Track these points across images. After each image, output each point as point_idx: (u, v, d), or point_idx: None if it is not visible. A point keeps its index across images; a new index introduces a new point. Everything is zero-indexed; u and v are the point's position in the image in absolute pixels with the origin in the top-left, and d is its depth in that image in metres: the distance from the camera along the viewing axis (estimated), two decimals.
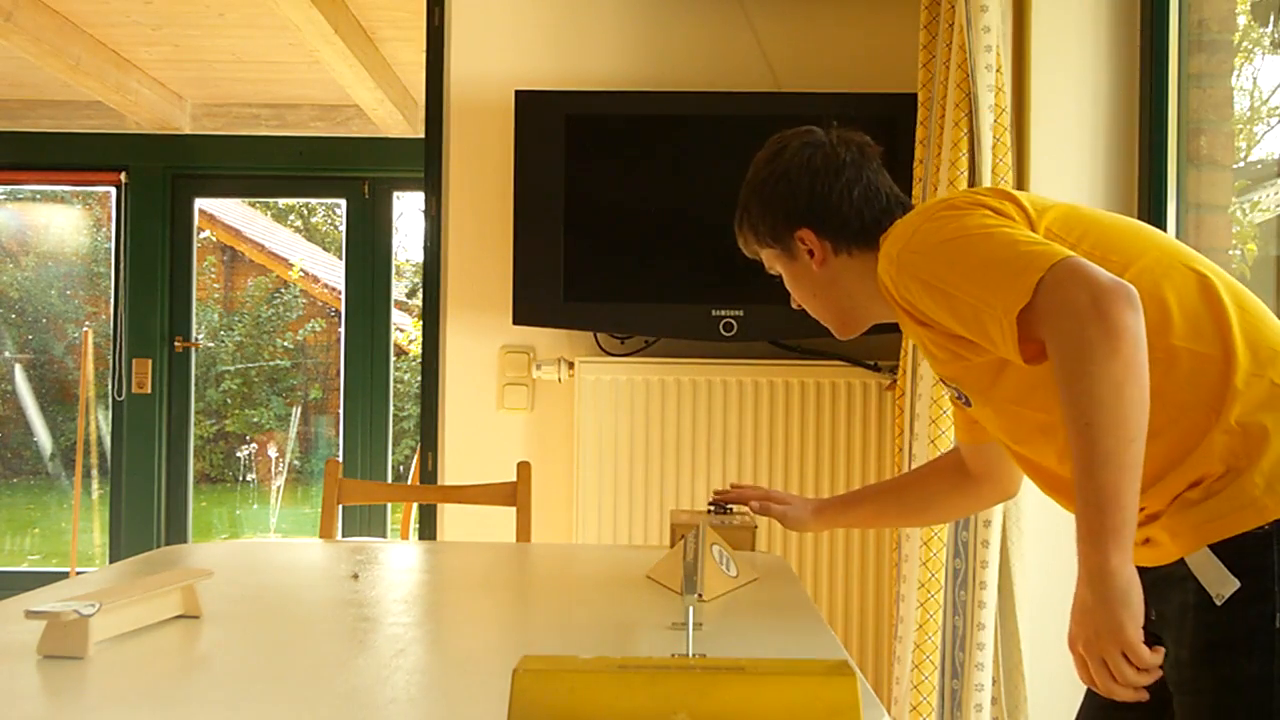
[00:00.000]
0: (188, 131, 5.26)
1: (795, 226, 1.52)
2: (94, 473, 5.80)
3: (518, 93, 2.69)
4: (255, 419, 7.13)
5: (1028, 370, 1.25)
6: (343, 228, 5.45)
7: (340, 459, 5.07)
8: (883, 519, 2.06)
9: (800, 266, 1.55)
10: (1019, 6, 2.43)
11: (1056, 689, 2.66)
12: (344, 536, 4.48)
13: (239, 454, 7.26)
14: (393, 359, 5.37)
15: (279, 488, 7.16)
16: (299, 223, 8.49)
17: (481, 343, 2.83)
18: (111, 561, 5.02)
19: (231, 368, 7.11)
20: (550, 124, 2.67)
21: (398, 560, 1.82)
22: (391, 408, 5.35)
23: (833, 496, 1.94)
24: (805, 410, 2.69)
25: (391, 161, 5.20)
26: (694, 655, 1.08)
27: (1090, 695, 1.62)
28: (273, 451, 7.14)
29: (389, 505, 5.31)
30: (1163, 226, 2.33)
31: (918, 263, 1.31)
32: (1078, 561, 1.23)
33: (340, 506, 2.22)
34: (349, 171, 5.28)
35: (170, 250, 5.27)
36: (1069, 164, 2.44)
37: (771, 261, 1.60)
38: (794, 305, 1.64)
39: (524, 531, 2.15)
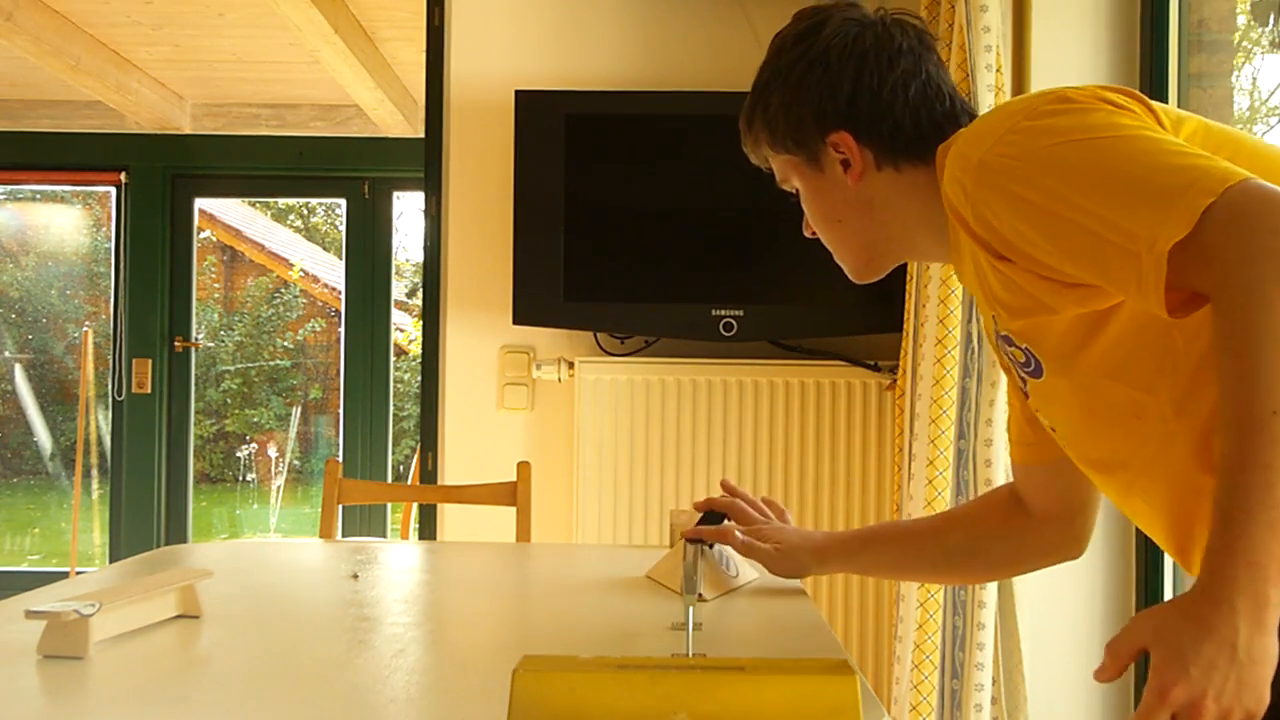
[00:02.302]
0: (188, 131, 5.26)
1: (829, 128, 1.18)
2: (94, 473, 5.80)
3: (518, 93, 2.68)
4: (255, 419, 7.14)
5: (1138, 329, 0.98)
6: (343, 228, 5.45)
7: (340, 459, 5.07)
8: (906, 567, 1.52)
9: (827, 182, 1.22)
10: (1019, 6, 2.43)
11: (1056, 689, 2.66)
12: (344, 536, 4.48)
13: (239, 454, 7.27)
14: (393, 359, 5.37)
15: (279, 488, 7.17)
16: (299, 223, 8.49)
17: (481, 343, 2.83)
18: (111, 561, 5.02)
19: (231, 368, 7.11)
20: (550, 124, 2.67)
21: (398, 560, 1.82)
22: (391, 408, 5.35)
23: (843, 532, 1.51)
24: (805, 410, 2.69)
25: (391, 161, 5.20)
26: (694, 655, 1.08)
27: None
28: (273, 451, 7.14)
29: (389, 505, 5.31)
30: None
31: (1013, 170, 0.98)
32: (1209, 577, 0.87)
33: (340, 506, 2.22)
34: (349, 171, 5.28)
35: (170, 250, 5.27)
36: None
37: (785, 172, 1.26)
38: (806, 232, 1.32)
39: (524, 531, 2.15)
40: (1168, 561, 2.56)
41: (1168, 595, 2.57)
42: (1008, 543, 1.36)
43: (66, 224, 6.37)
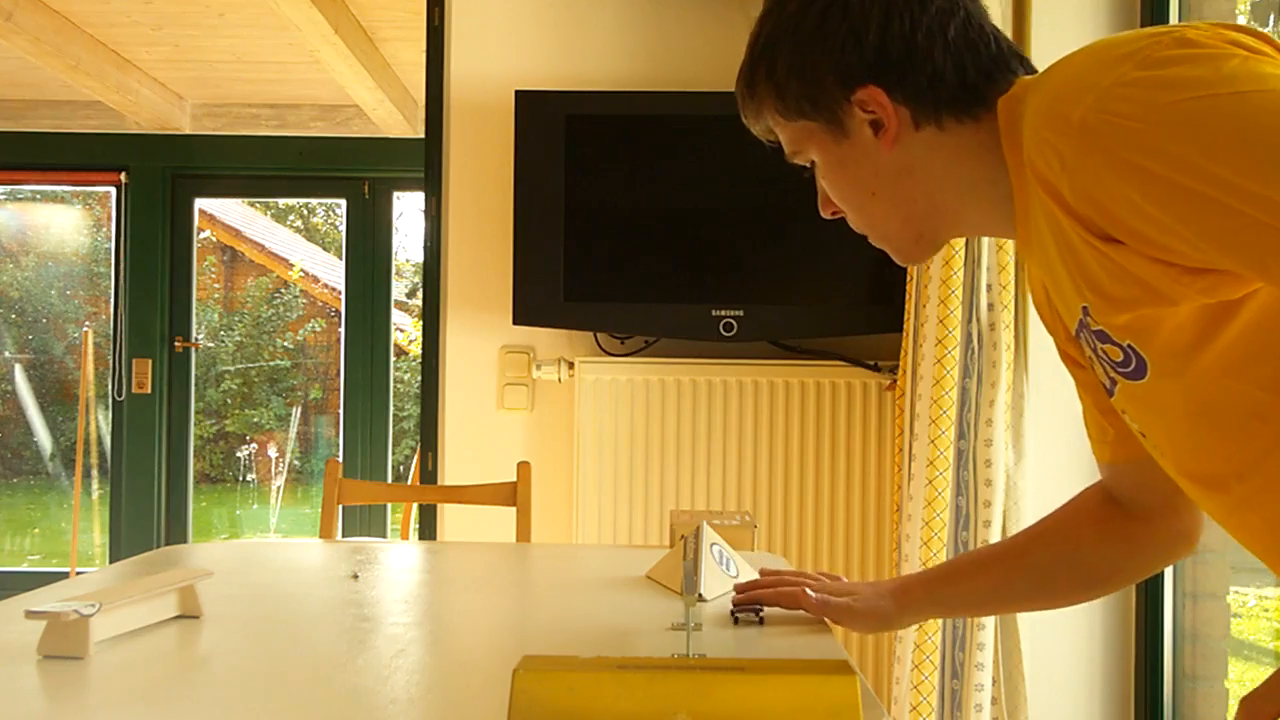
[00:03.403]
0: (188, 131, 5.27)
1: (855, 83, 1.00)
2: (94, 473, 5.80)
3: (518, 93, 2.69)
4: (255, 419, 7.14)
5: (1270, 321, 0.84)
6: (343, 228, 5.45)
7: (340, 459, 5.08)
8: (998, 598, 1.34)
9: (853, 149, 1.03)
10: (1019, 6, 2.43)
11: (1056, 689, 2.66)
12: (344, 536, 4.49)
13: (239, 454, 7.27)
14: (393, 359, 5.37)
15: (279, 488, 7.17)
16: (299, 223, 8.49)
17: (481, 343, 2.83)
18: (111, 561, 5.02)
19: (231, 368, 7.11)
20: (550, 124, 2.67)
21: (398, 560, 1.82)
22: (391, 408, 5.35)
23: (919, 573, 1.34)
24: (805, 410, 2.69)
25: (391, 161, 5.21)
26: (694, 655, 1.08)
27: None
28: (273, 451, 7.14)
29: (389, 505, 5.31)
30: None
31: (1129, 134, 0.79)
32: None
33: (340, 506, 2.22)
34: (349, 171, 5.28)
35: (170, 250, 5.28)
36: None
37: (798, 143, 1.07)
38: (825, 213, 1.12)
39: (524, 531, 2.15)
40: None
41: (1168, 595, 2.56)
42: (1112, 550, 1.20)
43: (66, 224, 6.38)
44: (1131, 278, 0.86)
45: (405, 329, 7.47)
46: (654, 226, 2.72)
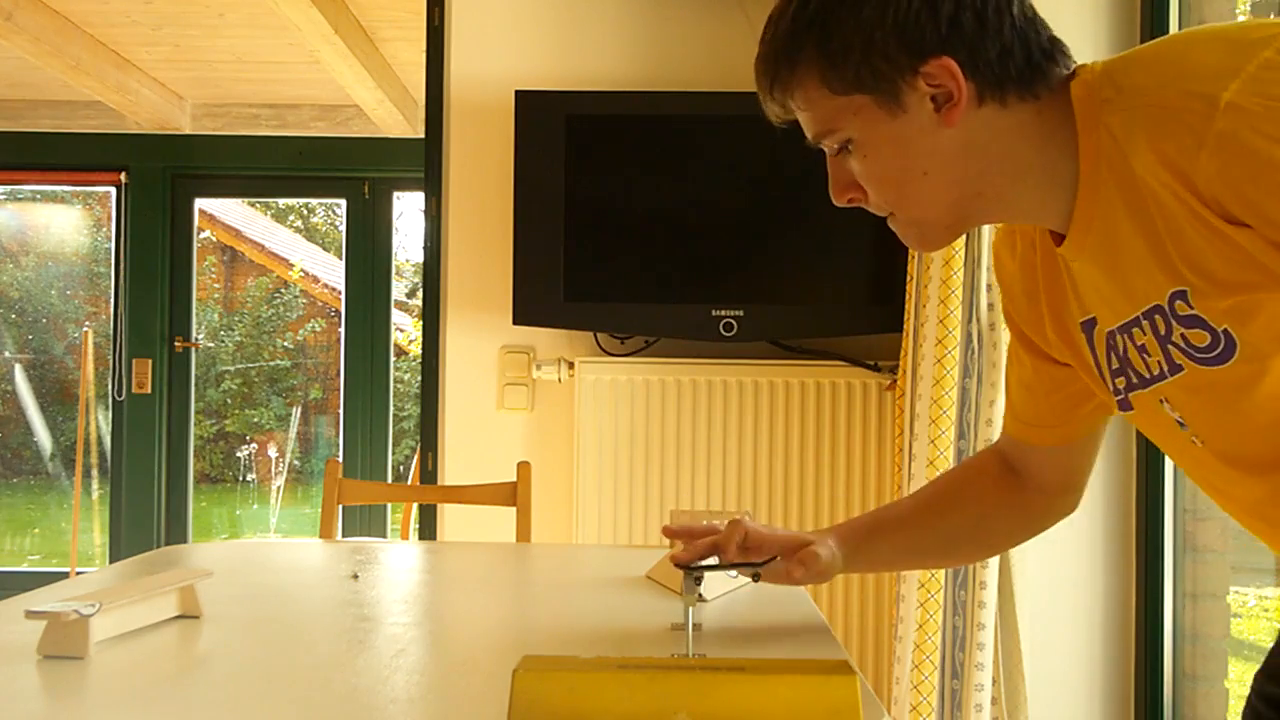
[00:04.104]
0: (188, 131, 5.27)
1: (926, 54, 0.96)
2: (94, 473, 5.80)
3: (518, 93, 2.68)
4: (255, 419, 7.14)
5: None
6: (343, 228, 5.45)
7: (340, 459, 5.08)
8: (914, 553, 1.39)
9: (909, 126, 0.99)
10: None
11: (1056, 689, 2.66)
12: (344, 536, 4.48)
13: (239, 454, 7.27)
14: (393, 359, 5.37)
15: (279, 488, 7.17)
16: (299, 223, 8.49)
17: (481, 343, 2.83)
18: (111, 561, 5.02)
19: (231, 368, 7.11)
20: (550, 124, 2.67)
21: (398, 560, 1.82)
22: (391, 408, 5.35)
23: (861, 526, 1.31)
24: (805, 410, 2.69)
25: (391, 161, 5.21)
26: (694, 655, 1.08)
27: None
28: (273, 451, 7.14)
29: (389, 505, 5.31)
30: None
31: None
32: None
33: (340, 506, 2.22)
34: (349, 171, 5.28)
35: (170, 250, 5.28)
36: None
37: (836, 120, 1.02)
38: (841, 200, 1.08)
39: (524, 531, 2.15)
40: (1168, 562, 2.56)
41: (1168, 595, 2.56)
42: (1009, 518, 1.29)
43: (66, 224, 6.38)
44: (1252, 262, 0.86)
45: (405, 329, 7.47)
46: (654, 226, 2.72)
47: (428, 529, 2.83)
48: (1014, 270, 1.17)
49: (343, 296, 5.42)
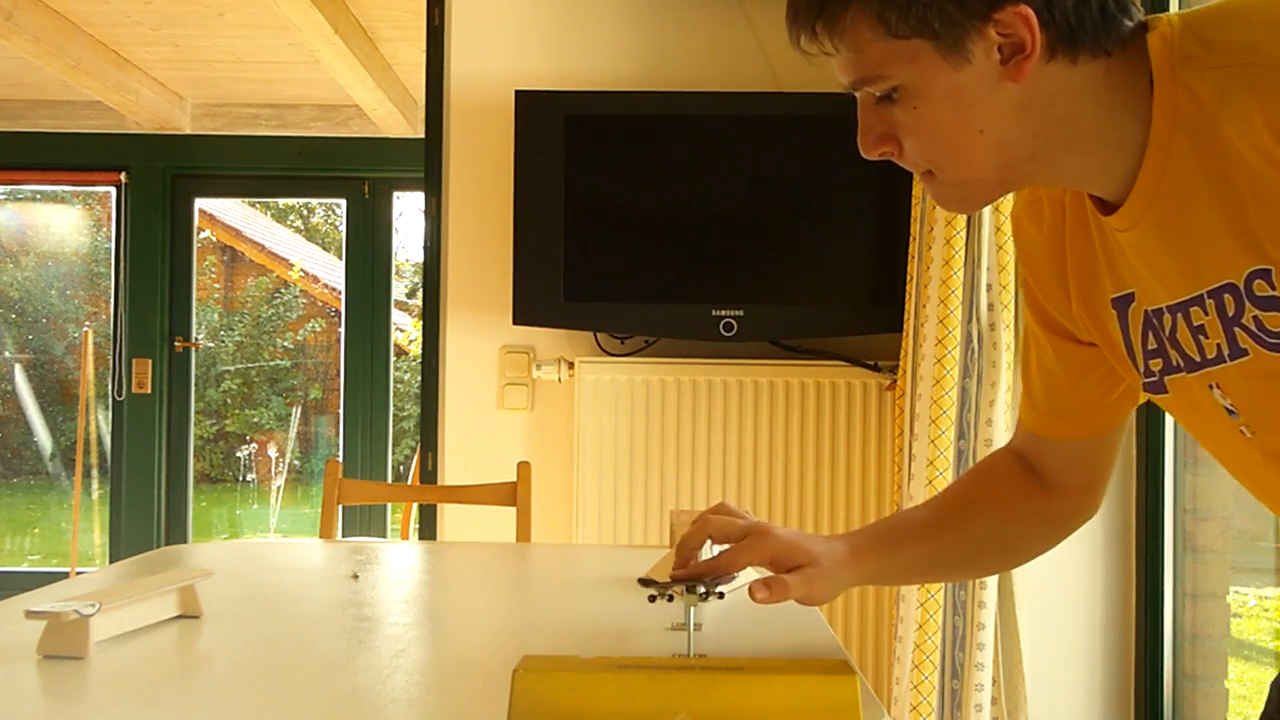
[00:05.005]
0: (188, 131, 5.27)
1: (1004, 1, 0.88)
2: (94, 473, 5.80)
3: (518, 93, 2.68)
4: (255, 419, 7.14)
5: None
6: (343, 228, 5.45)
7: (340, 459, 5.08)
8: (938, 568, 1.28)
9: (971, 77, 0.90)
10: None
11: (1056, 689, 2.66)
12: (344, 536, 4.48)
13: (239, 454, 7.27)
14: (393, 359, 5.37)
15: (279, 488, 7.17)
16: (299, 223, 8.49)
17: (481, 343, 2.83)
18: (111, 561, 5.02)
19: (231, 368, 7.11)
20: (550, 124, 2.67)
21: (398, 560, 1.82)
22: (391, 408, 5.35)
23: (869, 537, 1.17)
24: (805, 410, 2.69)
25: (391, 161, 5.21)
26: (694, 655, 1.08)
27: None
28: (273, 451, 7.14)
29: (389, 505, 5.32)
30: None
31: None
32: None
33: (340, 506, 2.22)
34: (349, 171, 5.28)
35: (170, 250, 5.28)
36: None
37: (887, 65, 0.92)
38: (873, 152, 0.97)
39: (524, 531, 2.15)
40: (1167, 561, 2.56)
41: (1168, 595, 2.56)
42: (1033, 525, 1.20)
43: (66, 224, 6.38)
44: None
45: (405, 329, 7.47)
46: (654, 226, 2.72)
47: (428, 529, 2.83)
48: (1039, 240, 1.08)
49: (343, 296, 5.42)
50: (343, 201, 5.40)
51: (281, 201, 7.96)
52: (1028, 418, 1.19)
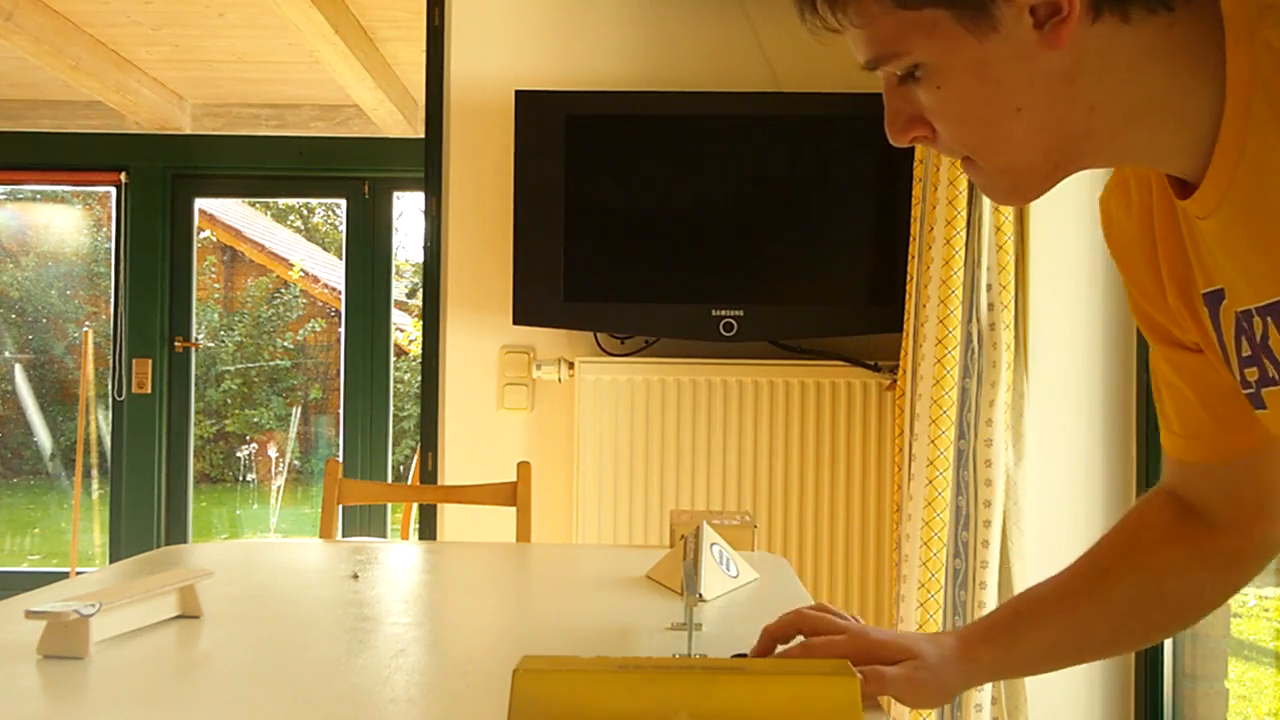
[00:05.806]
0: (188, 131, 5.26)
1: None
2: (94, 473, 5.80)
3: (518, 93, 2.69)
4: (255, 419, 7.13)
5: None
6: (343, 228, 5.45)
7: (340, 459, 5.08)
8: (1081, 646, 1.04)
9: (1002, 47, 0.75)
10: None
11: (1056, 689, 2.66)
12: (344, 536, 4.49)
13: (239, 454, 7.27)
14: (393, 359, 5.37)
15: (279, 488, 7.16)
16: (299, 223, 8.49)
17: (481, 343, 2.83)
18: (111, 561, 5.02)
19: (231, 368, 7.11)
20: (550, 124, 2.67)
21: (398, 560, 1.82)
22: (391, 408, 5.35)
23: (981, 628, 1.03)
24: (805, 410, 2.69)
25: (391, 161, 5.21)
26: (694, 655, 1.08)
27: None
28: (273, 451, 7.14)
29: (389, 505, 5.31)
30: None
31: None
32: None
33: (340, 506, 2.22)
34: (349, 171, 5.28)
35: (170, 250, 5.28)
36: None
37: (903, 40, 0.78)
38: (903, 139, 0.84)
39: (524, 531, 2.15)
40: None
41: None
42: (1198, 571, 1.00)
43: (66, 224, 6.37)
44: None
45: (405, 329, 7.47)
46: (654, 226, 2.72)
47: (428, 529, 2.83)
48: (1130, 229, 0.92)
49: (343, 296, 5.42)
50: (343, 201, 5.40)
51: (281, 201, 7.96)
52: (1167, 441, 1.02)
